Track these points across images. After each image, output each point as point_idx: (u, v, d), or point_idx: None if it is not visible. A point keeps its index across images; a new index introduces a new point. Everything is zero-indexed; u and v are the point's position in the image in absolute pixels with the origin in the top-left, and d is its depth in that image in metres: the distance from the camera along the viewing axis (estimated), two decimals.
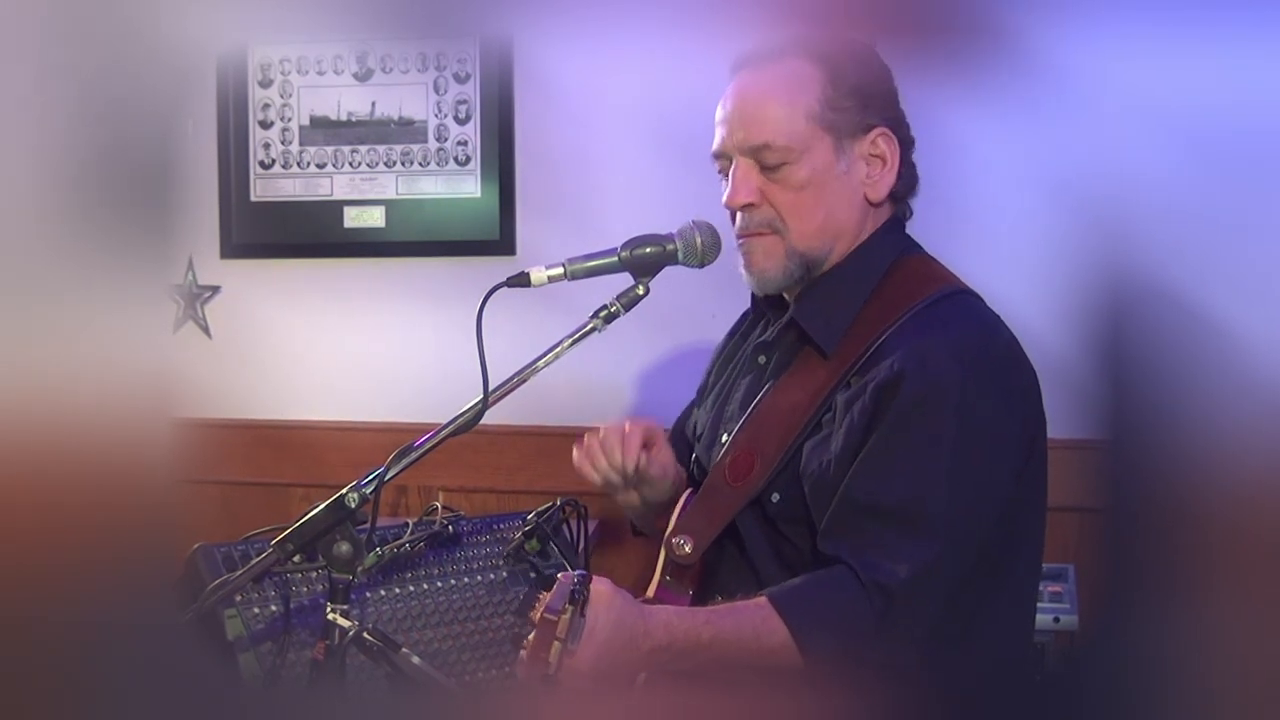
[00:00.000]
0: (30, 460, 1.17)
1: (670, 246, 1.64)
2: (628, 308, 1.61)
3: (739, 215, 1.74)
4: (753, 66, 1.74)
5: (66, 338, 1.20)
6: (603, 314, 1.60)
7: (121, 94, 1.25)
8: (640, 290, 1.62)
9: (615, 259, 1.62)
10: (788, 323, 1.78)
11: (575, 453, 1.86)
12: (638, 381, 2.57)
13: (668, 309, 2.03)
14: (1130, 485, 1.22)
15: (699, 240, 1.66)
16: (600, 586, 1.48)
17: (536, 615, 1.38)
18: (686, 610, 1.62)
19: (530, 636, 1.38)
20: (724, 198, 1.74)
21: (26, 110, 1.21)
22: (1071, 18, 1.27)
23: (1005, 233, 2.30)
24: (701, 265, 1.68)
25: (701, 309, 2.45)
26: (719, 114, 1.75)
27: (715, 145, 1.76)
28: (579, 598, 1.38)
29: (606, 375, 2.54)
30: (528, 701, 1.44)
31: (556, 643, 1.35)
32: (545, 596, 1.40)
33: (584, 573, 1.43)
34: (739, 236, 1.75)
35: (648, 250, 1.63)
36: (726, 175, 1.74)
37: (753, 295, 1.89)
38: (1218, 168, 1.20)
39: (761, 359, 1.82)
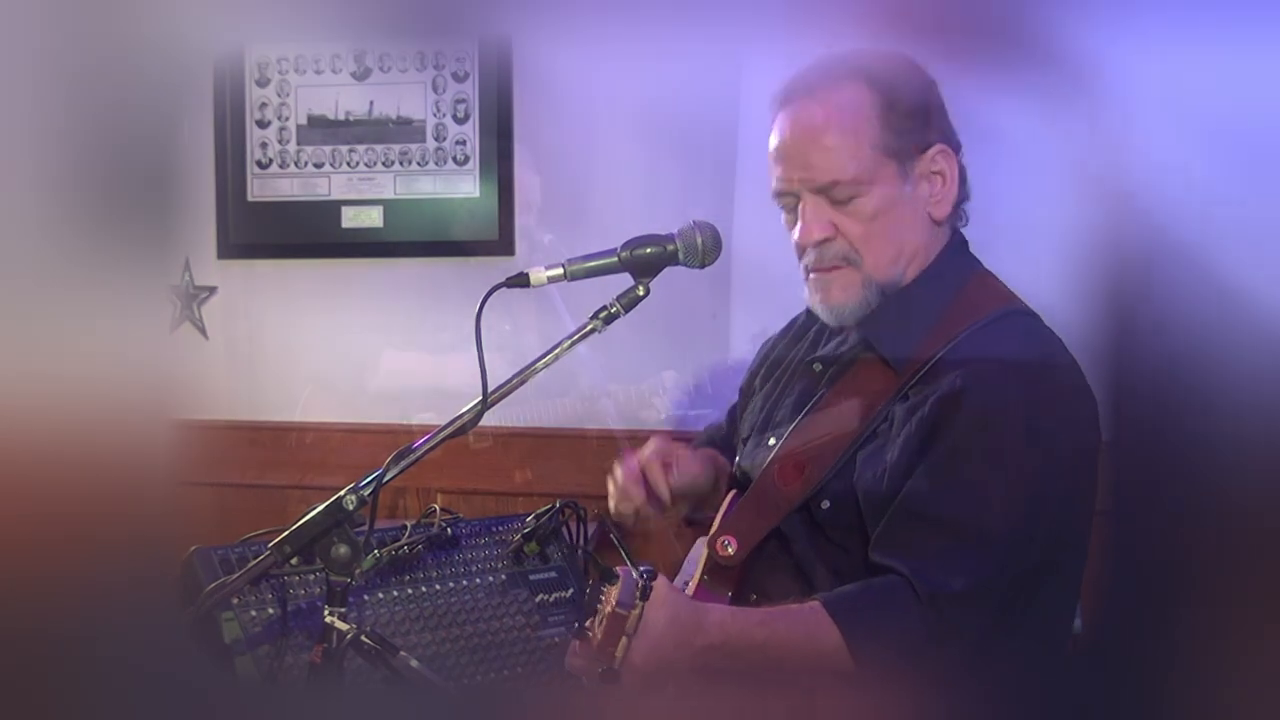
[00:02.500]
0: (26, 462, 1.16)
1: (670, 247, 1.63)
2: (628, 308, 1.60)
3: (809, 250, 1.72)
4: (805, 97, 1.70)
5: (62, 339, 1.19)
6: (602, 315, 1.58)
7: (118, 94, 1.24)
8: (640, 291, 1.61)
9: (615, 259, 1.61)
10: (853, 342, 1.76)
11: (612, 502, 1.86)
12: (637, 383, 2.56)
13: (668, 309, 2.02)
14: (1159, 487, 1.21)
15: (699, 240, 1.64)
16: (656, 582, 1.48)
17: (607, 609, 1.40)
18: (740, 610, 1.62)
19: (598, 630, 1.40)
20: (795, 236, 1.72)
21: (23, 111, 1.20)
22: (1103, 15, 1.26)
23: (1031, 226, 2.27)
24: (702, 266, 1.66)
25: (701, 309, 2.45)
26: (774, 147, 1.72)
27: (777, 185, 1.73)
28: (649, 594, 1.40)
29: (606, 377, 2.53)
30: (529, 704, 1.44)
31: (625, 638, 1.38)
32: (610, 590, 1.41)
33: (649, 569, 1.43)
34: (812, 271, 1.73)
35: (648, 250, 1.62)
36: (790, 210, 1.73)
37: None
38: (1248, 163, 1.19)
39: (817, 367, 1.81)
